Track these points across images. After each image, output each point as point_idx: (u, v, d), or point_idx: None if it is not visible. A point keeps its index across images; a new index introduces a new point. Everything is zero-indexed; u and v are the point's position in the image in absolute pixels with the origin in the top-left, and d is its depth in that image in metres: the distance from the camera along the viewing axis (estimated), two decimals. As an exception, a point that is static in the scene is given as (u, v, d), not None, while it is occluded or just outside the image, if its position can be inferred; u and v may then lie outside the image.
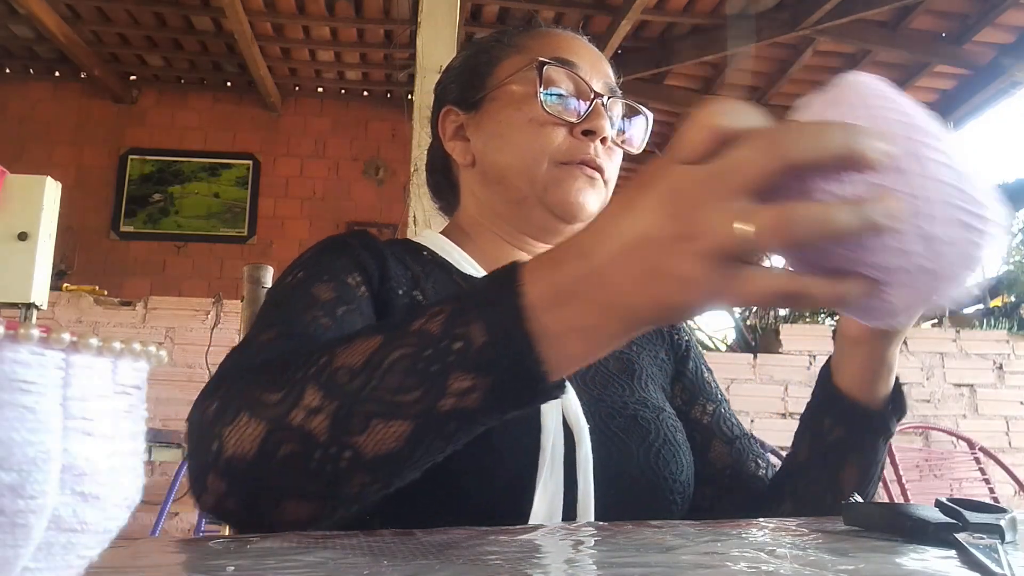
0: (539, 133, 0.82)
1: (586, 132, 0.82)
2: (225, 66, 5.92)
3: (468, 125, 0.89)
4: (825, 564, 0.39)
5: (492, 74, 0.88)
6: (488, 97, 0.87)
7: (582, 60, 0.85)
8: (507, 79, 0.86)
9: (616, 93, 0.87)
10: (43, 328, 0.23)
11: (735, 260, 0.40)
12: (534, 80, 0.82)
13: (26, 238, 2.27)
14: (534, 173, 0.82)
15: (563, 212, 0.82)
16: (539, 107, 0.81)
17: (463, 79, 0.91)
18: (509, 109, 0.85)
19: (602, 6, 4.75)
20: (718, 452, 0.86)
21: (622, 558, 0.42)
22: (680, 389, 0.91)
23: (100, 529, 0.25)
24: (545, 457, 0.68)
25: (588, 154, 0.82)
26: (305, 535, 0.50)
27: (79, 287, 4.06)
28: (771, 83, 5.45)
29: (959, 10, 4.65)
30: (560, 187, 0.81)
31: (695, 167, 0.42)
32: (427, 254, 0.85)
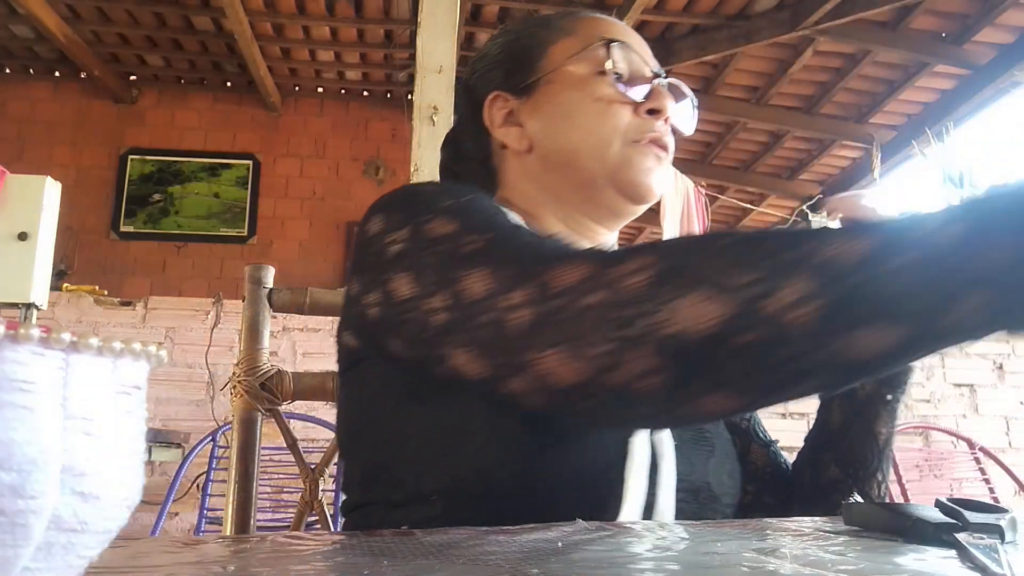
0: (607, 113, 0.81)
1: (651, 111, 0.82)
2: (225, 66, 5.93)
3: (521, 111, 0.86)
4: (825, 564, 0.39)
5: (545, 56, 0.86)
6: (544, 80, 0.85)
7: (634, 42, 0.85)
8: (565, 61, 0.84)
9: (664, 75, 0.86)
10: (43, 328, 0.23)
11: None
12: (597, 60, 0.82)
13: (26, 238, 2.27)
14: (605, 153, 0.81)
15: (633, 193, 0.82)
16: (605, 86, 0.81)
17: (508, 65, 0.89)
18: (572, 91, 0.83)
19: (602, 6, 4.75)
20: (757, 454, 0.90)
21: (623, 558, 0.42)
22: None
23: (100, 529, 0.25)
24: (632, 463, 0.68)
25: (656, 131, 0.82)
26: (306, 535, 0.50)
27: (79, 287, 4.06)
28: (771, 83, 5.45)
29: (959, 10, 4.65)
30: (632, 167, 0.81)
31: None
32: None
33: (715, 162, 6.58)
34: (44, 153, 5.77)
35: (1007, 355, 4.11)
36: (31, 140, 5.81)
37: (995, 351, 4.12)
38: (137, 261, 5.77)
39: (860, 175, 6.08)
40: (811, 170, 6.49)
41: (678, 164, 5.55)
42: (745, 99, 5.70)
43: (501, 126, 0.87)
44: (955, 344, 0.45)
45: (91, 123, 5.96)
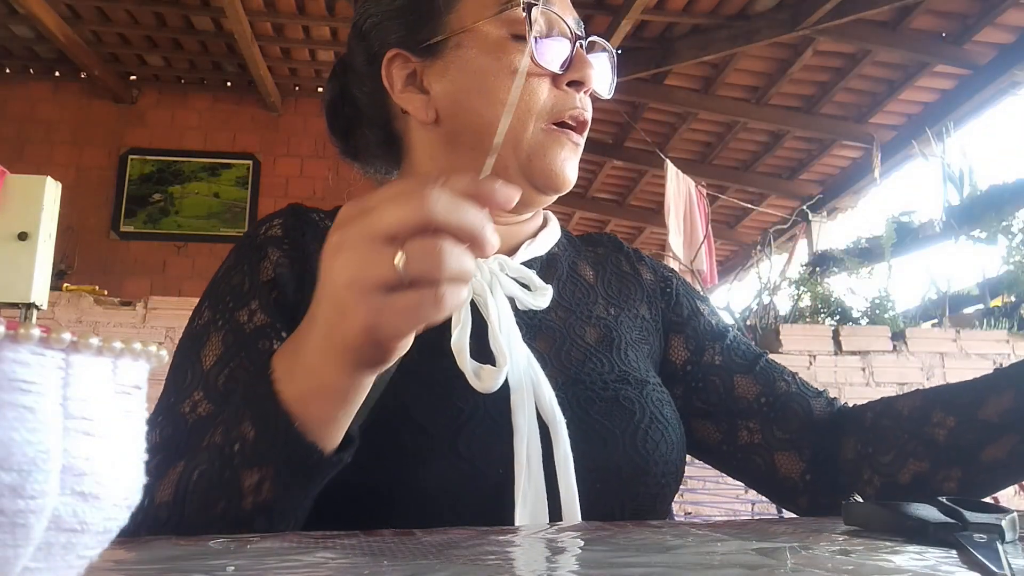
0: (525, 88, 0.72)
1: (571, 83, 0.74)
2: (225, 66, 5.92)
3: (425, 74, 0.76)
4: (825, 564, 0.39)
5: (453, 11, 0.75)
6: (452, 42, 0.75)
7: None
8: (477, 20, 0.74)
9: (582, 28, 0.77)
10: (43, 328, 0.23)
11: (390, 290, 0.44)
12: (512, 23, 0.72)
13: (26, 238, 2.27)
14: (519, 136, 0.72)
15: (545, 184, 0.74)
16: (522, 56, 0.70)
17: (410, 16, 0.77)
18: (485, 57, 0.73)
19: (602, 6, 4.75)
20: (743, 385, 0.79)
21: (622, 558, 0.42)
22: (683, 341, 0.83)
23: (100, 529, 0.25)
24: (521, 463, 0.63)
25: (576, 107, 0.74)
26: (305, 535, 0.50)
27: (79, 287, 4.06)
28: (771, 83, 5.45)
29: (959, 10, 4.65)
30: (545, 156, 0.73)
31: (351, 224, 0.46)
32: None
33: (715, 162, 6.58)
34: (44, 153, 5.77)
35: (1007, 355, 4.11)
36: (31, 140, 5.81)
37: (995, 351, 4.12)
38: (137, 261, 5.77)
39: (860, 175, 6.08)
40: (811, 170, 6.49)
41: (678, 164, 5.56)
42: (745, 99, 5.70)
43: (402, 91, 0.77)
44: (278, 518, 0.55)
45: (91, 123, 5.96)
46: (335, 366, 0.50)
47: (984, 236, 4.45)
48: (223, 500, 0.54)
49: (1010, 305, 4.38)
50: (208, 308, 0.71)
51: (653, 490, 0.69)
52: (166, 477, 0.57)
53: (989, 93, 4.95)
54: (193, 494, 0.55)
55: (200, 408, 0.64)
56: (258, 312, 0.69)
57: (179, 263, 5.82)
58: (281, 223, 0.75)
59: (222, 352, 0.67)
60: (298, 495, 0.55)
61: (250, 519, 0.54)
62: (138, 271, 5.72)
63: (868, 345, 3.98)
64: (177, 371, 0.68)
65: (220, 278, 0.73)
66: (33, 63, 5.91)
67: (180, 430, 0.63)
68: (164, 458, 0.60)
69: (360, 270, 0.44)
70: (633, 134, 6.16)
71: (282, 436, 0.52)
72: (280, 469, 0.53)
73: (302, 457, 0.52)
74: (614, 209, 7.75)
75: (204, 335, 0.69)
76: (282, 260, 0.72)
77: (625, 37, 4.77)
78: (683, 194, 5.41)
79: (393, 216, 0.44)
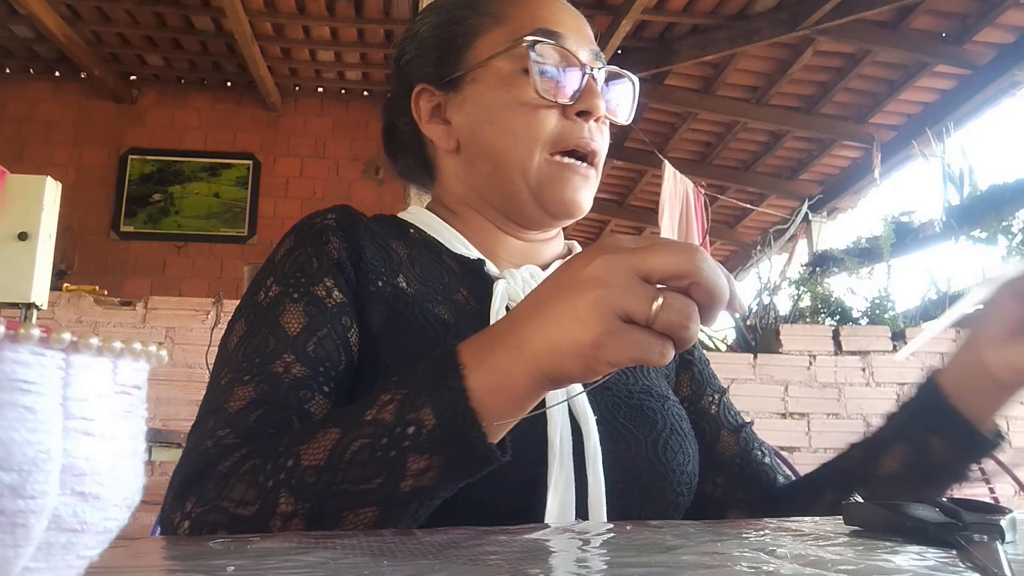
0: (532, 118, 0.77)
1: (580, 113, 0.77)
2: (225, 66, 5.92)
3: (448, 106, 0.82)
4: (825, 564, 0.39)
5: (471, 49, 0.81)
6: (470, 76, 0.81)
7: (567, 28, 0.79)
8: (491, 56, 0.79)
9: (600, 58, 0.81)
10: (43, 328, 0.23)
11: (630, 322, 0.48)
12: (522, 58, 0.77)
13: (26, 238, 2.26)
14: (527, 165, 0.77)
15: (556, 211, 0.79)
16: (531, 89, 0.76)
17: (436, 54, 0.83)
18: (498, 91, 0.78)
19: (602, 6, 4.75)
20: (727, 442, 0.85)
21: (623, 558, 0.42)
22: (689, 379, 0.89)
23: (100, 529, 0.25)
24: (554, 453, 0.66)
25: (583, 137, 0.77)
26: (305, 535, 0.50)
27: (79, 287, 4.06)
28: (771, 83, 5.45)
29: (959, 10, 4.65)
30: (554, 185, 0.78)
31: (620, 252, 0.50)
32: (414, 232, 0.82)
33: (715, 162, 6.58)
34: (44, 153, 5.77)
35: (1007, 355, 4.10)
36: (31, 140, 5.81)
37: (995, 351, 4.11)
38: (137, 261, 5.77)
39: (860, 175, 6.08)
40: (811, 170, 6.49)
41: (678, 164, 5.56)
42: (745, 99, 5.70)
43: (428, 122, 0.83)
44: (429, 503, 0.56)
45: (91, 123, 5.96)
46: (527, 369, 0.52)
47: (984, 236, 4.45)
48: (382, 476, 0.54)
49: (1010, 305, 4.37)
50: (276, 284, 0.72)
51: (669, 497, 0.72)
52: (315, 441, 0.56)
53: (989, 93, 4.95)
54: (350, 464, 0.54)
55: (294, 370, 0.66)
56: (335, 290, 0.72)
57: (179, 263, 5.82)
58: (335, 217, 0.78)
59: (307, 321, 0.69)
60: (453, 487, 0.56)
61: (405, 501, 0.54)
62: (138, 271, 5.72)
63: (868, 345, 3.98)
64: (253, 337, 0.69)
65: (283, 258, 0.74)
66: (33, 63, 5.91)
67: (278, 388, 0.65)
68: (268, 412, 0.63)
69: (616, 297, 0.48)
70: (633, 134, 6.16)
71: (464, 431, 0.53)
72: (452, 461, 0.54)
73: (477, 453, 0.53)
74: (614, 209, 7.75)
75: (279, 306, 0.70)
76: (341, 246, 0.74)
77: (625, 37, 4.77)
78: (680, 195, 5.41)
79: (662, 262, 0.48)
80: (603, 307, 0.48)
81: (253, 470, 0.57)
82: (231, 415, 0.64)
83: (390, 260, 0.77)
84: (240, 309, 0.73)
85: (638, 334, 0.48)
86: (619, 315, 0.48)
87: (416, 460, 0.53)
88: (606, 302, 0.48)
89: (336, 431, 0.56)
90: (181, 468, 0.62)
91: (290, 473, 0.55)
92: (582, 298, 0.49)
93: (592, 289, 0.49)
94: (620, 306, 0.48)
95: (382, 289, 0.74)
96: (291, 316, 0.69)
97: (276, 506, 0.55)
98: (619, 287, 0.48)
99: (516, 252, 0.84)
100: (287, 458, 0.56)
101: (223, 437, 0.62)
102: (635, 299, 0.47)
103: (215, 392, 0.67)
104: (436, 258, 0.80)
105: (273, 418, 0.63)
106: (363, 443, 0.55)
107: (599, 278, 0.49)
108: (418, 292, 0.75)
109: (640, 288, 0.48)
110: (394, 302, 0.73)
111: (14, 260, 2.25)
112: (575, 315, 0.49)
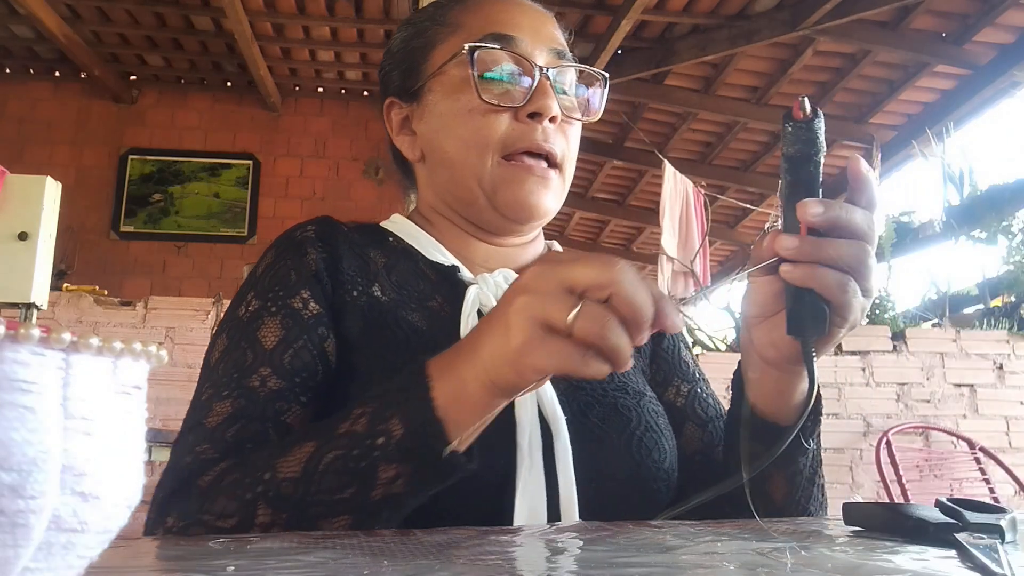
0: (481, 124, 0.76)
1: (532, 114, 0.76)
2: (225, 66, 5.92)
3: (413, 117, 0.83)
4: (825, 564, 0.39)
5: (428, 60, 0.82)
6: (427, 87, 0.81)
7: (522, 31, 0.78)
8: (443, 65, 0.79)
9: (566, 57, 0.80)
10: (43, 328, 0.23)
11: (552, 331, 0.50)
12: (468, 65, 0.76)
13: (26, 238, 2.26)
14: (480, 170, 0.77)
15: (513, 214, 0.78)
16: (475, 95, 0.75)
17: (403, 67, 0.85)
18: (448, 100, 0.79)
19: (602, 6, 4.75)
20: (690, 435, 0.81)
21: (622, 558, 0.42)
22: (655, 370, 0.87)
23: (100, 529, 0.25)
24: (523, 455, 0.66)
25: (535, 140, 0.76)
26: (305, 535, 0.50)
27: (79, 287, 4.06)
28: (771, 83, 5.45)
29: (959, 10, 4.65)
30: (508, 188, 0.77)
31: (548, 266, 0.52)
32: (393, 240, 0.83)
33: (715, 162, 6.58)
34: (44, 153, 5.77)
35: (1007, 355, 4.11)
36: (31, 140, 5.80)
37: (995, 352, 4.12)
38: (137, 261, 5.77)
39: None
40: (811, 170, 6.48)
41: (678, 164, 5.56)
42: (745, 99, 5.70)
43: (398, 134, 0.86)
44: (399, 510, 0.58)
45: (91, 123, 5.96)
46: (478, 378, 0.54)
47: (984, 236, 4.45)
48: (354, 486, 0.56)
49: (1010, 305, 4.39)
50: (255, 298, 0.74)
51: (647, 496, 0.71)
52: (291, 454, 0.58)
53: (989, 93, 4.95)
54: (324, 475, 0.57)
55: (270, 383, 0.68)
56: (311, 301, 0.73)
57: (179, 263, 5.82)
58: (315, 229, 0.79)
59: (284, 334, 0.70)
60: (423, 495, 0.58)
61: (376, 509, 0.57)
62: (138, 271, 5.72)
63: (868, 345, 3.98)
64: (233, 352, 0.70)
65: (263, 272, 0.76)
66: (33, 63, 5.91)
67: (255, 401, 0.67)
68: (244, 426, 0.65)
69: (537, 304, 0.50)
70: (633, 134, 6.15)
71: (431, 440, 0.55)
72: (419, 469, 0.56)
73: (443, 461, 0.56)
74: (614, 209, 7.75)
75: (257, 320, 0.72)
76: (319, 258, 0.76)
77: (625, 37, 4.77)
78: (680, 195, 5.41)
79: (584, 273, 0.50)
80: (526, 314, 0.50)
81: (233, 484, 0.59)
82: (209, 430, 0.66)
83: (367, 269, 0.77)
84: (223, 323, 0.75)
85: (559, 343, 0.49)
86: (540, 322, 0.50)
87: (386, 469, 0.56)
88: (529, 310, 0.50)
89: (312, 444, 0.58)
90: (162, 485, 0.64)
91: (267, 485, 0.58)
92: (511, 306, 0.52)
93: (519, 297, 0.51)
94: (541, 313, 0.50)
95: (357, 299, 0.75)
96: (268, 330, 0.71)
97: (255, 517, 0.57)
98: (542, 295, 0.50)
99: (490, 257, 0.83)
100: (265, 471, 0.58)
101: (202, 452, 0.64)
102: (554, 307, 0.49)
103: (195, 408, 0.69)
104: (413, 266, 0.80)
105: (250, 431, 0.65)
106: (336, 454, 0.57)
107: (526, 286, 0.52)
108: (393, 300, 0.75)
109: (561, 297, 0.50)
110: (369, 311, 0.74)
111: (14, 260, 2.25)
112: (505, 322, 0.52)
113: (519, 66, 0.77)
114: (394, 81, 0.86)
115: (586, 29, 4.90)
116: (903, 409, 3.95)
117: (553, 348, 0.50)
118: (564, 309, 0.49)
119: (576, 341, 0.49)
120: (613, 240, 8.55)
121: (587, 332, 0.48)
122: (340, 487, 0.56)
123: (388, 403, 0.57)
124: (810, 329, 0.57)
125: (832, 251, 0.56)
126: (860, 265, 0.56)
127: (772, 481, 0.70)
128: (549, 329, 0.50)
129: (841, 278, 0.56)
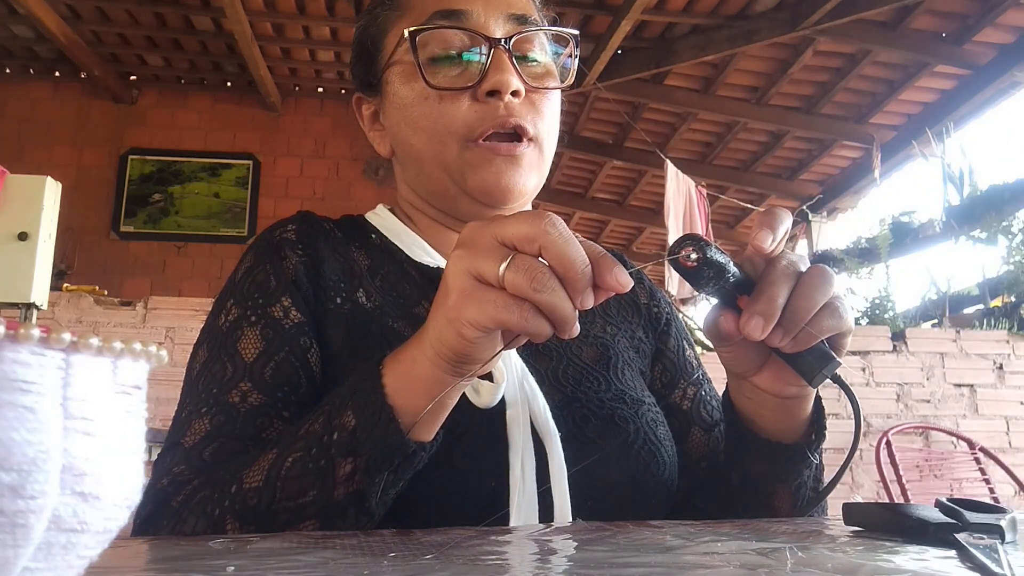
0: (439, 112, 0.71)
1: (490, 92, 0.71)
2: (225, 66, 5.92)
3: (380, 111, 0.80)
4: (825, 564, 0.39)
5: (383, 49, 0.77)
6: (384, 79, 0.77)
7: (472, 2, 0.72)
8: (393, 53, 0.75)
9: (528, 21, 0.74)
10: (43, 328, 0.23)
11: (486, 284, 0.50)
12: (420, 48, 0.72)
13: (26, 238, 2.26)
14: (446, 158, 0.73)
15: (488, 199, 0.73)
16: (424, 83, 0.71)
17: (363, 58, 0.80)
18: (404, 88, 0.74)
19: (602, 6, 4.75)
20: (696, 441, 0.79)
21: (622, 558, 0.42)
22: (660, 371, 0.84)
23: (100, 529, 0.25)
24: (516, 475, 0.64)
25: (497, 118, 0.71)
26: (305, 535, 0.50)
27: (79, 287, 4.06)
28: (771, 83, 5.45)
29: (959, 10, 4.65)
30: (476, 172, 0.72)
31: (485, 224, 0.52)
32: (376, 238, 0.80)
33: (715, 162, 6.58)
34: (44, 153, 5.77)
35: (1007, 355, 4.11)
36: (31, 140, 5.81)
37: (995, 351, 4.12)
38: (137, 261, 5.77)
39: (860, 175, 6.08)
40: (811, 170, 6.49)
41: (678, 164, 5.56)
42: (745, 99, 5.70)
43: (370, 129, 0.83)
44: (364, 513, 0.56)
45: (91, 123, 5.96)
46: (424, 351, 0.54)
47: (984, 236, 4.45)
48: (315, 488, 0.55)
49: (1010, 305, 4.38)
50: (235, 306, 0.71)
51: (643, 507, 0.70)
52: (256, 464, 0.58)
53: (989, 93, 4.95)
54: (286, 480, 0.56)
55: (251, 398, 0.66)
56: (292, 309, 0.71)
57: (179, 263, 5.82)
58: (295, 229, 0.77)
59: (264, 346, 0.68)
60: (386, 491, 0.56)
61: (342, 510, 0.55)
62: (138, 271, 5.72)
63: (868, 345, 3.98)
64: (212, 366, 0.69)
65: (241, 278, 0.74)
66: (33, 63, 5.91)
67: (233, 418, 0.65)
68: (223, 445, 0.64)
69: (470, 258, 0.50)
70: (633, 134, 6.15)
71: (382, 427, 0.54)
72: (373, 458, 0.54)
73: (395, 447, 0.54)
74: (614, 209, 7.75)
75: (236, 330, 0.70)
76: (299, 263, 0.73)
77: (625, 37, 4.77)
78: (683, 194, 5.41)
79: (514, 227, 0.49)
80: (459, 267, 0.51)
81: (202, 501, 0.59)
82: (187, 450, 0.65)
83: (351, 272, 0.75)
84: (203, 332, 0.73)
85: (492, 293, 0.49)
86: (473, 274, 0.50)
87: (342, 464, 0.55)
88: (462, 262, 0.50)
89: (274, 451, 0.58)
90: (140, 509, 0.63)
91: (233, 499, 0.57)
92: (449, 262, 0.52)
93: (456, 251, 0.52)
94: (473, 265, 0.50)
95: (341, 306, 0.72)
96: (248, 341, 0.69)
97: (224, 530, 0.57)
98: (474, 249, 0.50)
99: None
100: (231, 484, 0.58)
101: (178, 474, 0.64)
102: (486, 259, 0.49)
103: (175, 426, 0.68)
104: (398, 267, 0.77)
105: (228, 451, 0.64)
106: (296, 457, 0.56)
107: (462, 241, 0.52)
108: (378, 307, 0.73)
109: (494, 250, 0.49)
110: (353, 319, 0.72)
111: (14, 260, 2.25)
112: (444, 280, 0.52)
113: (471, 42, 0.72)
114: (359, 75, 0.82)
115: (586, 29, 4.90)
116: (903, 409, 3.95)
117: (486, 298, 0.49)
118: (496, 261, 0.49)
119: (510, 294, 0.48)
120: (613, 240, 8.54)
121: (518, 283, 0.48)
122: (302, 490, 0.55)
123: (344, 398, 0.57)
124: (827, 368, 0.59)
125: (802, 309, 0.56)
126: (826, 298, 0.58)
127: (777, 495, 0.70)
128: (482, 281, 0.50)
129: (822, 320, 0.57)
